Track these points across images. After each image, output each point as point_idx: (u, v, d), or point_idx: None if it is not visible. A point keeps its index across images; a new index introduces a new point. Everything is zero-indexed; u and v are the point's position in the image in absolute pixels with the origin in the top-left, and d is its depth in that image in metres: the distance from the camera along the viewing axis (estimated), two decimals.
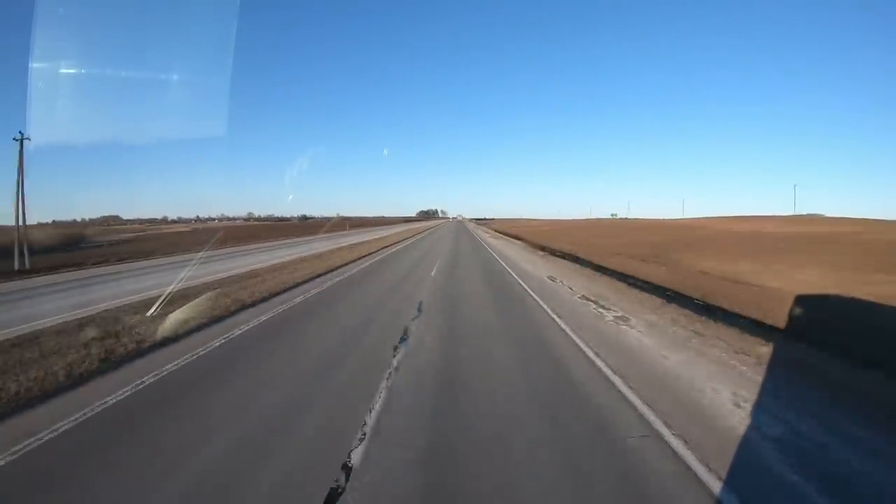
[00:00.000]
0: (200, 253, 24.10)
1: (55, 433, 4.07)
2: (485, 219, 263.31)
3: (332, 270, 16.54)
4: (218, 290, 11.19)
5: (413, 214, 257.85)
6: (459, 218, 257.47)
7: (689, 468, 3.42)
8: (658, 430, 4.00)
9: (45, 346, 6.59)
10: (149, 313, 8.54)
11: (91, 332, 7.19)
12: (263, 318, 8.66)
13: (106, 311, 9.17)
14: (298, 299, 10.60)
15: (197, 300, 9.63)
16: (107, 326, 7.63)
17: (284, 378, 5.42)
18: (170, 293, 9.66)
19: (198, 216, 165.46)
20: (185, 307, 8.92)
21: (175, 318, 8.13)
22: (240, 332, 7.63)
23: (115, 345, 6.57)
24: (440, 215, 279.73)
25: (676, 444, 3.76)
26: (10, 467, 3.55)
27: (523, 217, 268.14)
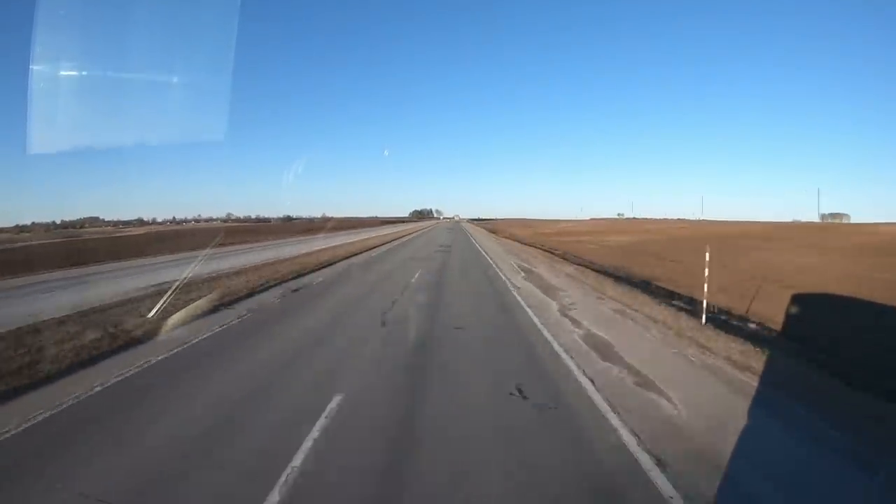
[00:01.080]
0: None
1: None
2: (480, 219, 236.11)
3: None
4: None
5: (406, 215, 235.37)
6: (456, 218, 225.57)
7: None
8: None
9: None
10: None
11: None
12: None
13: None
14: None
15: None
16: None
17: None
18: None
19: (174, 217, 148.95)
20: None
21: None
22: None
23: None
24: (434, 215, 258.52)
25: None
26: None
27: (526, 217, 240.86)
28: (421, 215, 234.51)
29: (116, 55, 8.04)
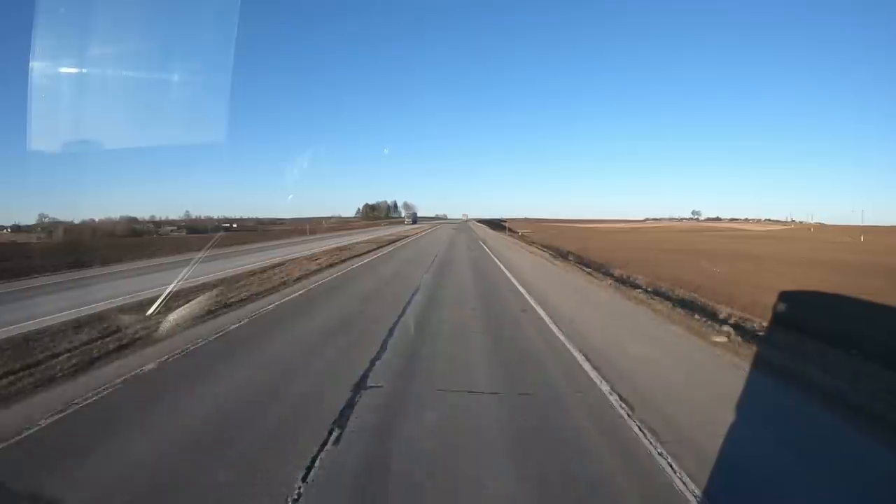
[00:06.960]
0: None
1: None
2: (486, 220, 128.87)
3: None
4: None
5: (353, 214, 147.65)
6: (466, 219, 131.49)
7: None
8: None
9: None
10: None
11: None
12: None
13: None
14: None
15: None
16: None
17: None
18: None
19: (16, 223, 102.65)
20: None
21: None
22: None
23: None
24: (401, 212, 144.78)
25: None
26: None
27: (544, 217, 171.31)
28: (375, 214, 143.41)
29: (118, 52, 8.36)
